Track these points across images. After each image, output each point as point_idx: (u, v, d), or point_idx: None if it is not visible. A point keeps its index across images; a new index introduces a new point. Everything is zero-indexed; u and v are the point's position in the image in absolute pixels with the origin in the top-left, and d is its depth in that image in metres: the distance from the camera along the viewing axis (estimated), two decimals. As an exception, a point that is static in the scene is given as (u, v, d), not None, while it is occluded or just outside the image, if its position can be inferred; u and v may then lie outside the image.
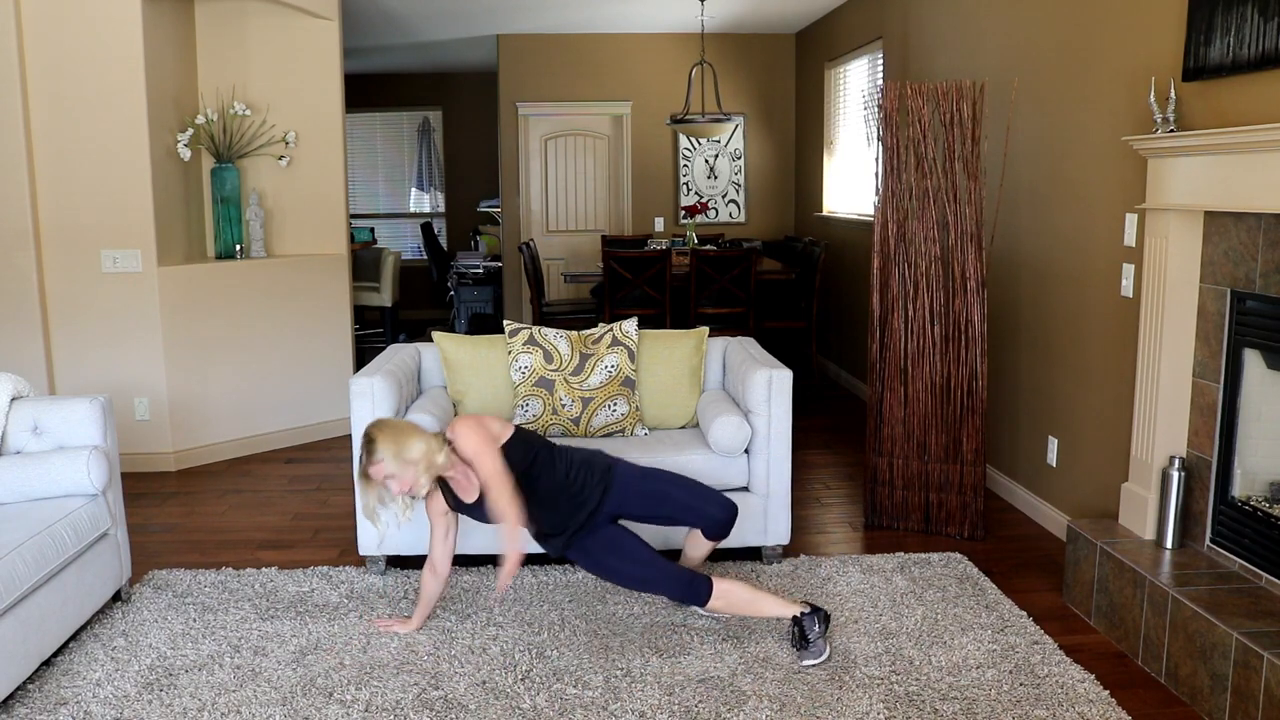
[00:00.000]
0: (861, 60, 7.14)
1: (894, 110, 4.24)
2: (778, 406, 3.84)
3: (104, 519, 3.40)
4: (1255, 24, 2.96)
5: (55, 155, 5.04)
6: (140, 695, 2.96)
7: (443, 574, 3.33)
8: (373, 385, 3.80)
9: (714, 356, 4.38)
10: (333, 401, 5.97)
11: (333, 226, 6.03)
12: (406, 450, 3.00)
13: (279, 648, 3.25)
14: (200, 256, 5.77)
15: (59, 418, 3.46)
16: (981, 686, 2.98)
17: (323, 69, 5.92)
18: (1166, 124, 3.34)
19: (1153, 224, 3.45)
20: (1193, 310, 3.36)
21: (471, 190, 11.46)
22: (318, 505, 4.76)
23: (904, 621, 3.41)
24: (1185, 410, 3.40)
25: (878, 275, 4.33)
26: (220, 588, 3.73)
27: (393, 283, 8.98)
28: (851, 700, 2.91)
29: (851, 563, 3.93)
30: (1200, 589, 3.04)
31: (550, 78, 8.76)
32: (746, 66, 8.83)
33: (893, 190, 4.28)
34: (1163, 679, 3.07)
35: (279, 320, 5.74)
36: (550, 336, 4.13)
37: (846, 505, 4.72)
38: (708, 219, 8.96)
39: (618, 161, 9.00)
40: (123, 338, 5.21)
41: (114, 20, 5.02)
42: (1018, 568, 3.96)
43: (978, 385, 4.22)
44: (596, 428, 4.06)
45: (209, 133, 5.59)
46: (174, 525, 4.52)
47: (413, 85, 11.32)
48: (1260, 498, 3.18)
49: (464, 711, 2.87)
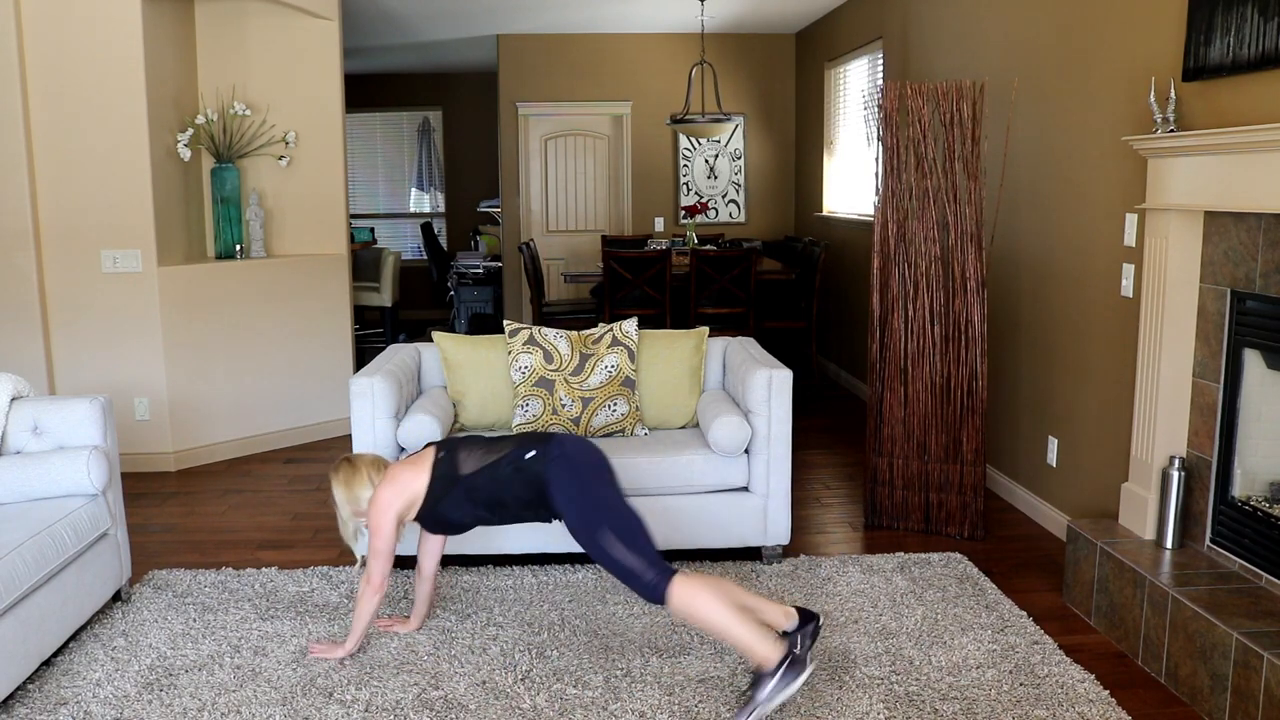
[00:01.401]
0: (861, 60, 7.14)
1: (894, 110, 4.24)
2: (778, 406, 3.84)
3: (104, 519, 3.40)
4: (1255, 24, 2.96)
5: (55, 155, 5.04)
6: (140, 695, 2.96)
7: (425, 574, 3.36)
8: (373, 385, 3.79)
9: (714, 356, 4.38)
10: (333, 401, 5.97)
11: (333, 226, 6.03)
12: (350, 495, 3.16)
13: (279, 648, 3.25)
14: (200, 256, 5.77)
15: (59, 418, 3.46)
16: (981, 686, 2.98)
17: (323, 69, 5.92)
18: (1166, 124, 3.34)
19: (1153, 224, 3.45)
20: (1193, 310, 3.36)
21: (471, 190, 11.46)
22: (318, 505, 4.76)
23: (904, 621, 3.41)
24: (1185, 410, 3.40)
25: (878, 275, 4.33)
26: (220, 588, 3.73)
27: (393, 283, 8.98)
28: (851, 700, 2.91)
29: (851, 563, 3.93)
30: (1200, 589, 3.04)
31: (550, 78, 8.76)
32: (746, 66, 8.83)
33: (893, 190, 4.28)
34: (1163, 679, 3.07)
35: (279, 320, 5.74)
36: (550, 336, 4.13)
37: (846, 505, 4.72)
38: (708, 219, 8.96)
39: (618, 161, 9.00)
40: (123, 338, 5.21)
41: (114, 20, 5.02)
42: (1018, 568, 3.96)
43: (978, 385, 4.22)
44: (596, 428, 4.06)
45: (209, 133, 5.59)
46: (174, 525, 4.52)
47: (413, 85, 11.32)
48: (1260, 498, 3.18)
49: (464, 711, 2.87)
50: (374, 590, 3.10)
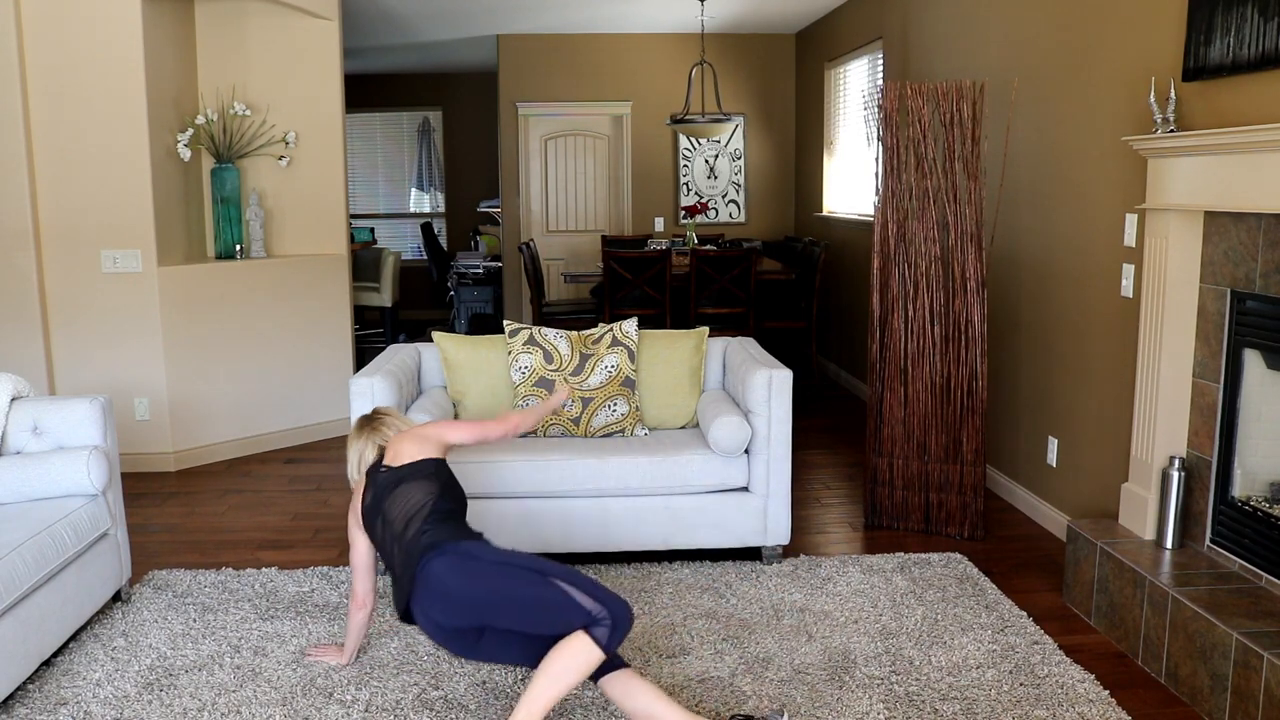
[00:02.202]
0: (861, 60, 7.14)
1: (894, 110, 4.24)
2: (778, 406, 3.84)
3: (104, 519, 3.40)
4: (1255, 24, 2.96)
5: (55, 155, 5.04)
6: (140, 695, 2.96)
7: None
8: (373, 385, 3.80)
9: (714, 356, 4.38)
10: (333, 401, 5.97)
11: (333, 226, 6.03)
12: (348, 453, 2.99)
13: (279, 648, 3.25)
14: (200, 256, 5.77)
15: (59, 418, 3.46)
16: (981, 686, 2.98)
17: (323, 69, 5.92)
18: (1166, 124, 3.34)
19: (1153, 224, 3.45)
20: (1193, 310, 3.36)
21: (471, 190, 11.46)
22: (318, 505, 4.76)
23: (904, 621, 3.41)
24: (1185, 410, 3.40)
25: (878, 275, 4.33)
26: (220, 588, 3.73)
27: (393, 283, 8.98)
28: (851, 700, 2.91)
29: (851, 563, 3.93)
30: (1200, 589, 3.04)
31: (550, 78, 8.77)
32: (746, 66, 8.83)
33: (893, 190, 4.28)
34: (1163, 679, 3.07)
35: (279, 320, 5.74)
36: (550, 336, 4.13)
37: (846, 505, 4.72)
38: (708, 219, 8.96)
39: (618, 161, 9.00)
40: (123, 338, 5.21)
41: (114, 20, 5.02)
42: (1018, 568, 3.96)
43: (978, 385, 4.22)
44: (596, 428, 4.06)
45: (209, 133, 5.59)
46: (174, 525, 4.52)
47: (413, 85, 11.32)
48: (1260, 498, 3.18)
49: (464, 711, 2.87)
50: (356, 606, 3.06)
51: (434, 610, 2.59)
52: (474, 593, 2.56)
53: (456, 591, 2.57)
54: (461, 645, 2.65)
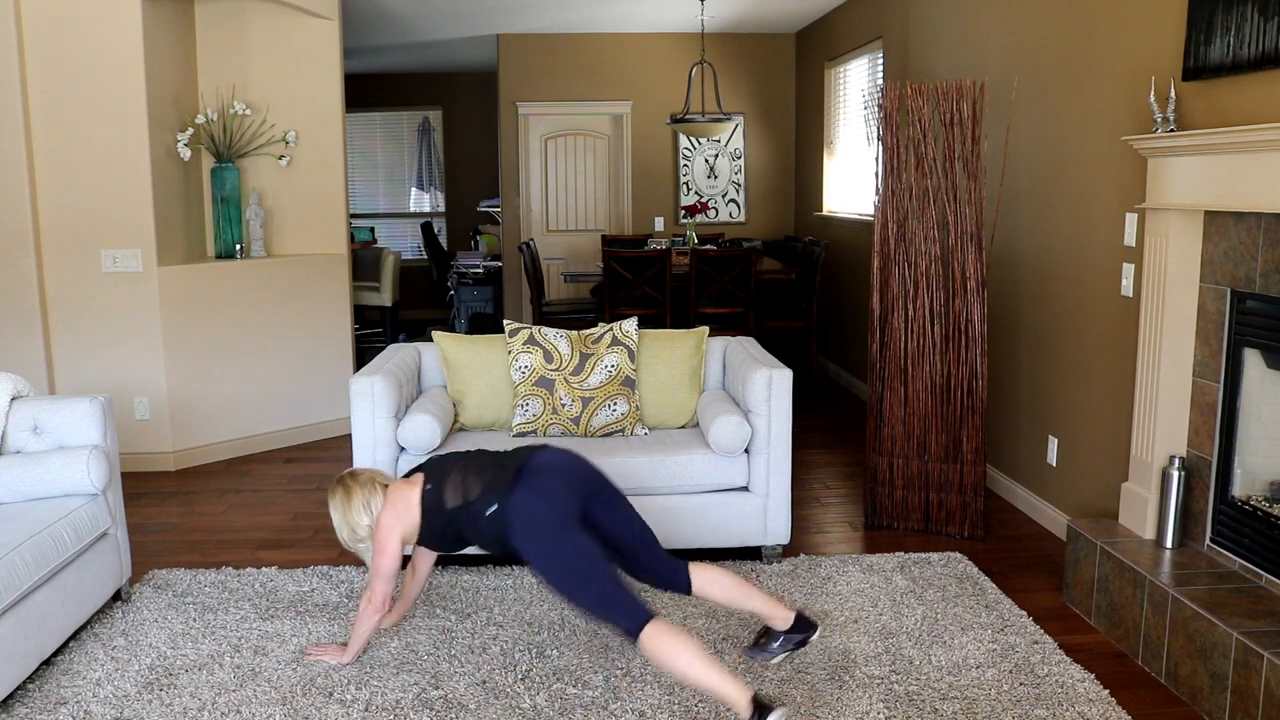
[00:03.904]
0: (861, 60, 7.14)
1: (894, 110, 4.24)
2: (778, 406, 3.84)
3: (104, 519, 3.40)
4: (1255, 24, 2.96)
5: (55, 155, 5.04)
6: (140, 695, 2.96)
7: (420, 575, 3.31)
8: (373, 385, 3.80)
9: (714, 356, 4.38)
10: (333, 401, 5.97)
11: (333, 226, 6.03)
12: (347, 520, 3.04)
13: (279, 647, 3.25)
14: (200, 256, 5.77)
15: (59, 417, 3.46)
16: (981, 686, 2.98)
17: (323, 69, 5.92)
18: (1166, 124, 3.34)
19: (1153, 224, 3.45)
20: (1193, 310, 3.36)
21: (471, 190, 11.46)
22: (318, 505, 4.76)
23: (904, 621, 3.41)
24: (1185, 410, 3.40)
25: (878, 275, 4.33)
26: (220, 587, 3.73)
27: (393, 283, 8.98)
28: (851, 700, 2.91)
29: (851, 562, 3.93)
30: (1200, 589, 3.04)
31: (550, 78, 8.76)
32: (746, 66, 8.83)
33: (893, 190, 4.28)
34: (1163, 679, 3.07)
35: (279, 320, 5.74)
36: (550, 336, 4.13)
37: (846, 505, 4.72)
38: (708, 219, 8.96)
39: (618, 161, 9.00)
40: (123, 338, 5.21)
41: (114, 20, 5.02)
42: (1018, 567, 3.96)
43: (978, 385, 4.22)
44: (596, 427, 4.06)
45: (209, 132, 5.59)
46: (174, 525, 4.52)
47: (413, 85, 11.32)
48: (1260, 497, 3.18)
49: (464, 711, 2.87)
50: (375, 610, 3.06)
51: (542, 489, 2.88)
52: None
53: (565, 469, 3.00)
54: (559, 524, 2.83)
